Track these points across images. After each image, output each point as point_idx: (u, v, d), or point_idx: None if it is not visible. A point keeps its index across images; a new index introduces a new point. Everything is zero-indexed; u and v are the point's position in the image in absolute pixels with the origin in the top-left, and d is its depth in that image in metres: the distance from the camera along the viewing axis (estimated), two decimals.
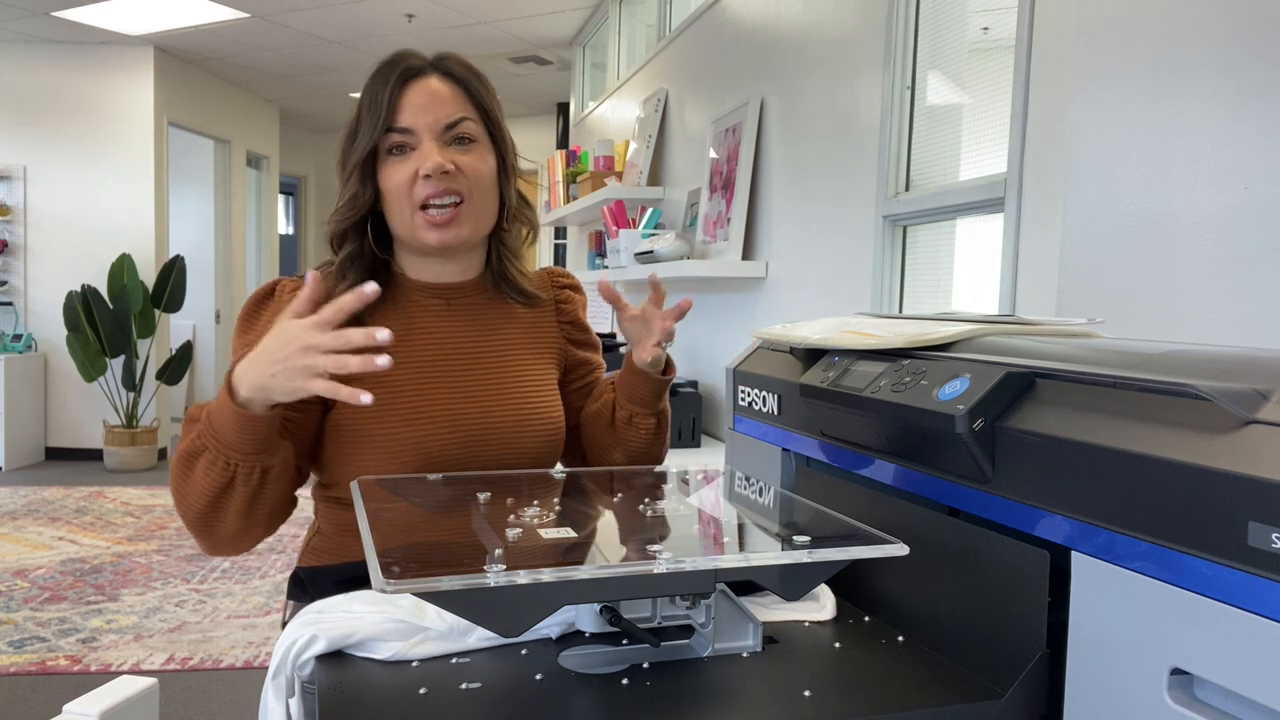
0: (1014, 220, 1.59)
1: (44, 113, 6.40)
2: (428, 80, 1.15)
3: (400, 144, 1.13)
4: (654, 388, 1.23)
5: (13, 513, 5.05)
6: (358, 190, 1.14)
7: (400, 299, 1.20)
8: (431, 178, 1.11)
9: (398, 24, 5.65)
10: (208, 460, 1.00)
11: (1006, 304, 1.60)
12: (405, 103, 1.12)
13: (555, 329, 1.30)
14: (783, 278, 2.59)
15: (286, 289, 1.17)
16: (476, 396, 1.18)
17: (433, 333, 1.20)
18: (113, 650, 3.19)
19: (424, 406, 1.15)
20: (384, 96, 1.12)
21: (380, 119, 1.12)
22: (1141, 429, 0.63)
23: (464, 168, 1.14)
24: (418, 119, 1.12)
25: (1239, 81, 1.42)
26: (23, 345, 6.36)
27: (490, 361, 1.21)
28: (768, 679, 0.75)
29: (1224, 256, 1.44)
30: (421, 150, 1.13)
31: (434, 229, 1.14)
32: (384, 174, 1.14)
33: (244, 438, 0.98)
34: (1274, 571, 0.52)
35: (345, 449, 1.14)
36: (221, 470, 1.00)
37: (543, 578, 0.69)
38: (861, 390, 0.89)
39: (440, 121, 1.13)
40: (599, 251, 4.22)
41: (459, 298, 1.23)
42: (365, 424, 1.13)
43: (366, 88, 1.15)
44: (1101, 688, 0.65)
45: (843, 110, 2.25)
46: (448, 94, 1.15)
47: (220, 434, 0.98)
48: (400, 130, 1.12)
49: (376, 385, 1.12)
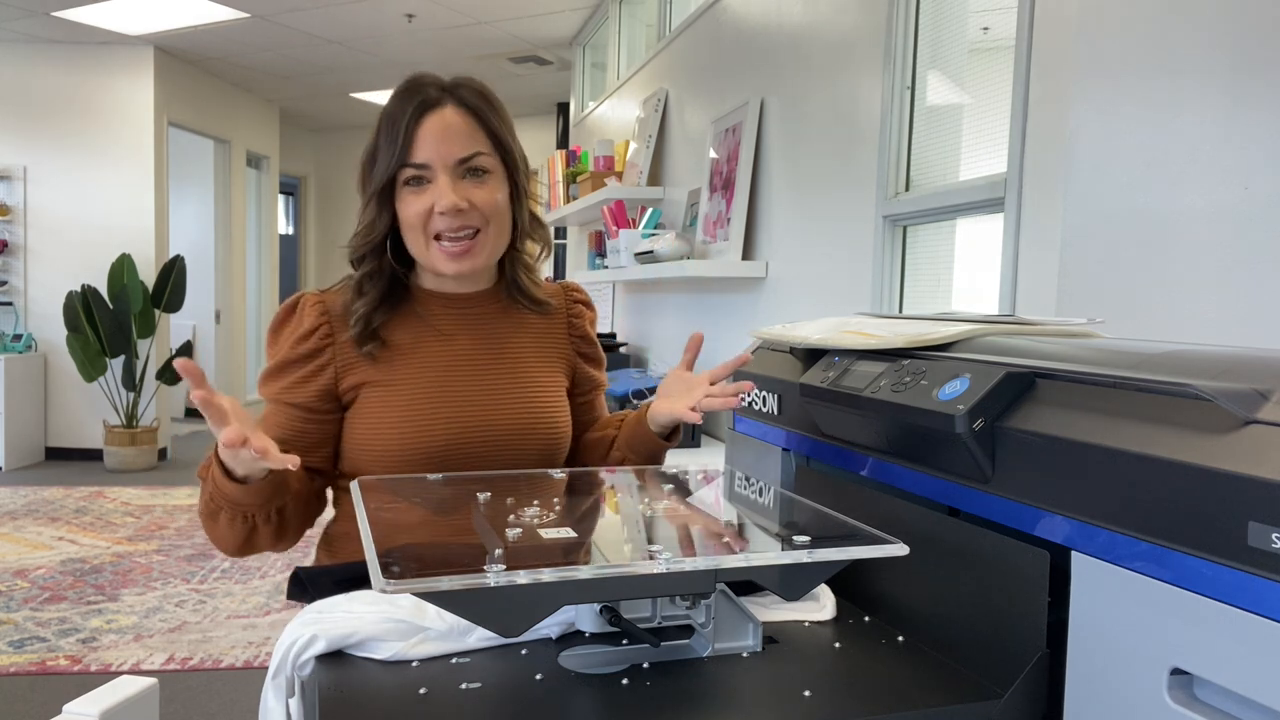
0: (1014, 220, 1.59)
1: (44, 113, 6.40)
2: (443, 112, 1.18)
3: (416, 177, 1.18)
4: (654, 449, 1.27)
5: (13, 513, 5.05)
6: (375, 218, 1.20)
7: (416, 309, 1.26)
8: (446, 214, 1.16)
9: (398, 24, 5.65)
10: (227, 517, 1.09)
11: (1006, 304, 1.60)
12: (421, 137, 1.16)
13: (566, 341, 1.34)
14: (783, 278, 2.59)
15: (309, 303, 1.22)
16: (487, 400, 1.23)
17: (444, 341, 1.25)
18: (113, 650, 3.19)
19: (436, 410, 1.20)
20: (400, 128, 1.16)
21: (396, 152, 1.16)
22: (1141, 429, 0.63)
23: (477, 203, 1.18)
24: (433, 154, 1.16)
25: (1239, 82, 1.42)
26: (23, 345, 6.36)
27: (502, 368, 1.26)
28: (768, 679, 0.75)
29: (1224, 256, 1.44)
30: (437, 185, 1.17)
31: (450, 259, 1.19)
32: (401, 204, 1.19)
33: (249, 496, 1.06)
34: (1274, 571, 0.52)
35: (361, 443, 1.20)
36: (242, 522, 1.09)
37: (543, 578, 0.69)
38: (861, 390, 0.89)
39: (455, 155, 1.17)
40: (599, 251, 4.22)
41: (473, 308, 1.28)
42: (380, 427, 1.19)
43: (386, 114, 1.19)
44: (1101, 688, 0.65)
45: (843, 110, 2.25)
46: (462, 127, 1.18)
47: (229, 496, 1.06)
48: (416, 165, 1.17)
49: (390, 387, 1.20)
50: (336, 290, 1.26)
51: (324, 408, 1.20)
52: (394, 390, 1.20)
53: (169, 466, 6.50)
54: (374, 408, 1.19)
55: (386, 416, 1.19)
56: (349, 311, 1.21)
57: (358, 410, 1.20)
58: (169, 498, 5.48)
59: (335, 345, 1.20)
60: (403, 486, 1.04)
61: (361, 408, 1.20)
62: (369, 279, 1.22)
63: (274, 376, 1.21)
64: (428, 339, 1.24)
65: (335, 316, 1.22)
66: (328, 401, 1.20)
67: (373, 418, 1.19)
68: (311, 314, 1.21)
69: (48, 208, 6.44)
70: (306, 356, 1.20)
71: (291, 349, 1.20)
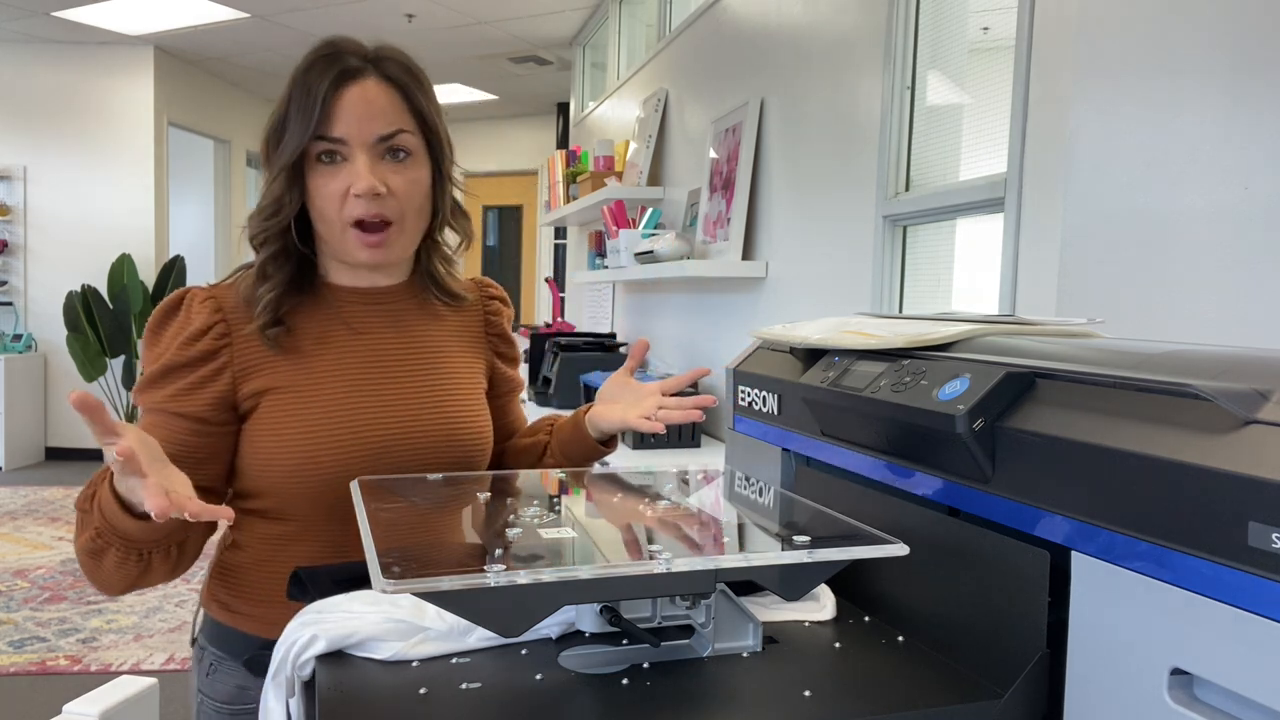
0: (1014, 220, 1.59)
1: (44, 113, 6.40)
2: (365, 84, 1.08)
3: (330, 151, 1.07)
4: (591, 455, 1.22)
5: (13, 513, 5.05)
6: (283, 194, 1.08)
7: (323, 300, 1.16)
8: (362, 198, 1.07)
9: (398, 24, 5.65)
10: (117, 556, 0.95)
11: (1006, 304, 1.60)
12: (340, 109, 1.06)
13: (483, 339, 1.27)
14: (783, 278, 2.59)
15: (197, 299, 1.10)
16: (402, 404, 1.14)
17: (357, 337, 1.15)
18: (113, 650, 3.19)
19: (351, 416, 1.10)
20: (317, 98, 1.05)
21: (312, 124, 1.05)
22: (1141, 429, 0.63)
23: (395, 190, 1.08)
24: (351, 129, 1.06)
25: (1239, 82, 1.42)
26: (23, 345, 6.35)
27: (416, 368, 1.17)
28: (768, 679, 0.75)
29: (1224, 256, 1.44)
30: (354, 166, 1.07)
31: (365, 248, 1.10)
32: (313, 181, 1.08)
33: (149, 533, 0.94)
34: (1274, 571, 0.52)
35: (264, 459, 1.09)
36: (136, 560, 0.96)
37: (543, 578, 0.69)
38: (861, 390, 0.89)
39: (375, 132, 1.07)
40: (599, 251, 4.22)
41: (385, 302, 1.18)
42: (286, 433, 1.08)
43: (299, 77, 1.07)
44: (1101, 688, 0.65)
45: (843, 110, 2.25)
46: (384, 102, 1.08)
47: (123, 533, 0.93)
48: (331, 139, 1.06)
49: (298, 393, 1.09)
50: (228, 284, 1.13)
51: (218, 418, 1.07)
52: (301, 396, 1.08)
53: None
54: (278, 416, 1.07)
55: (293, 425, 1.07)
56: (248, 304, 1.08)
57: (258, 420, 1.08)
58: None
59: (232, 346, 1.08)
60: (403, 486, 1.04)
61: (263, 416, 1.07)
62: (273, 261, 1.10)
63: (156, 383, 1.06)
64: (338, 332, 1.13)
65: (231, 313, 1.09)
66: (223, 411, 1.07)
67: (277, 426, 1.07)
68: (202, 311, 1.08)
69: (48, 208, 6.44)
70: (198, 360, 1.06)
71: (179, 351, 1.06)
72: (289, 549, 1.11)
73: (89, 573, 0.99)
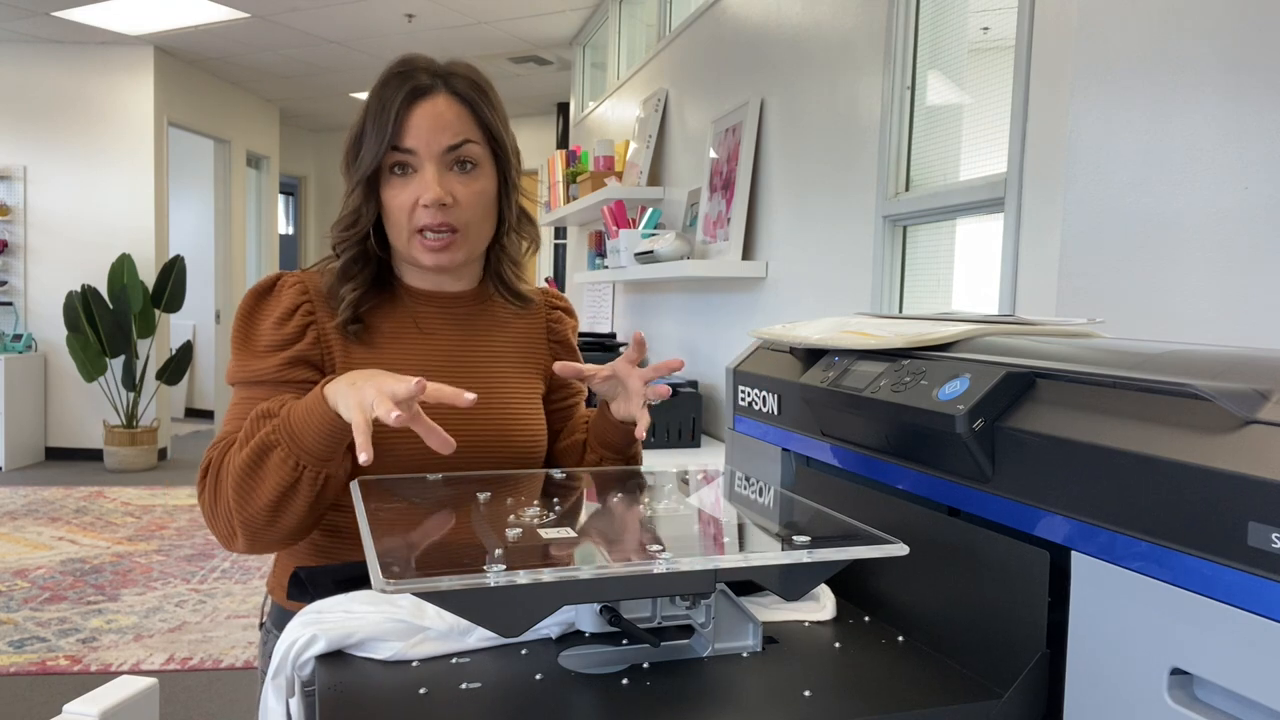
0: (1014, 220, 1.59)
1: (44, 113, 6.41)
2: (435, 100, 1.15)
3: (402, 163, 1.15)
4: (628, 437, 1.24)
5: (13, 513, 5.05)
6: (360, 205, 1.16)
7: (399, 300, 1.23)
8: (430, 208, 1.14)
9: (398, 24, 5.65)
10: (279, 457, 1.01)
11: (1006, 304, 1.60)
12: (411, 123, 1.14)
13: (545, 347, 1.32)
14: (783, 278, 2.59)
15: (287, 284, 1.19)
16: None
17: (425, 337, 1.22)
18: (113, 650, 3.19)
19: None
20: (390, 113, 1.13)
21: (386, 138, 1.13)
22: (1141, 429, 0.63)
23: (461, 200, 1.16)
24: (421, 141, 1.14)
25: (1239, 81, 1.42)
26: (23, 345, 6.36)
27: (479, 370, 1.23)
28: (768, 679, 0.75)
29: (1224, 256, 1.44)
30: (423, 176, 1.14)
31: (429, 253, 1.17)
32: (386, 192, 1.16)
33: (320, 444, 1.00)
34: (1274, 571, 0.52)
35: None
36: (291, 470, 1.01)
37: (543, 578, 0.69)
38: (861, 390, 0.89)
39: (443, 144, 1.14)
40: (599, 251, 4.22)
41: (453, 306, 1.25)
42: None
43: (375, 95, 1.16)
44: (1101, 688, 0.65)
45: (843, 110, 2.25)
46: (453, 117, 1.16)
47: (298, 436, 1.00)
48: (403, 150, 1.14)
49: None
50: (316, 271, 1.22)
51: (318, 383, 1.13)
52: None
53: (169, 466, 6.50)
54: None
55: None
56: (331, 294, 1.17)
57: None
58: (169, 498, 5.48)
59: (318, 325, 1.16)
60: (403, 486, 1.03)
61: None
62: (354, 263, 1.18)
63: (259, 356, 1.13)
64: (409, 331, 1.21)
65: (317, 296, 1.18)
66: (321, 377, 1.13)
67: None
68: (292, 293, 1.17)
69: (48, 208, 6.44)
70: (294, 336, 1.14)
71: (275, 329, 1.14)
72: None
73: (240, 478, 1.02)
